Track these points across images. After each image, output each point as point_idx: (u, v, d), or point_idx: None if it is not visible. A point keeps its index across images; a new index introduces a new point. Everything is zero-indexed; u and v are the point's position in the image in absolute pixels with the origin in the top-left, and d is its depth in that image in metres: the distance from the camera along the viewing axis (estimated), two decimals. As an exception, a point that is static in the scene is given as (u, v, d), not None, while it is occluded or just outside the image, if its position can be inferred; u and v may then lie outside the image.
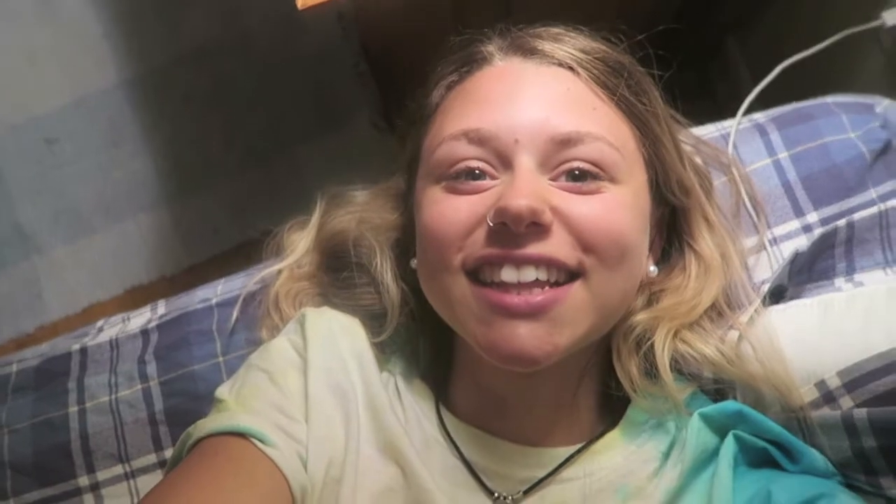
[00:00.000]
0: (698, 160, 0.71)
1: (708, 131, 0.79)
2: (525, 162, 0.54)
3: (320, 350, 0.62)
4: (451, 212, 0.55)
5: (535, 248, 0.52)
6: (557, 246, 0.53)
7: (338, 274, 0.69)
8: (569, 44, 0.59)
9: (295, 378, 0.61)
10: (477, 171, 0.55)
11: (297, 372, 0.62)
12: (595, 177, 0.54)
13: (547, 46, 0.59)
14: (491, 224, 0.52)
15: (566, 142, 0.54)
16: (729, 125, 0.79)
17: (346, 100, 1.43)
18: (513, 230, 0.51)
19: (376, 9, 0.93)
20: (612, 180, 0.55)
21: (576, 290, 0.53)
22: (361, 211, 0.72)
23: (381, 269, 0.66)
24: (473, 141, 0.55)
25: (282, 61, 1.47)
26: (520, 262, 0.53)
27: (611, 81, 0.58)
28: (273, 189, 1.44)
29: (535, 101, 0.56)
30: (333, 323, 0.65)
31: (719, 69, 1.44)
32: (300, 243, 0.74)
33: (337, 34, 1.33)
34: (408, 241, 0.65)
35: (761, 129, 0.77)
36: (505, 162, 0.55)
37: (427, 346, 0.67)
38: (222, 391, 0.61)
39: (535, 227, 0.52)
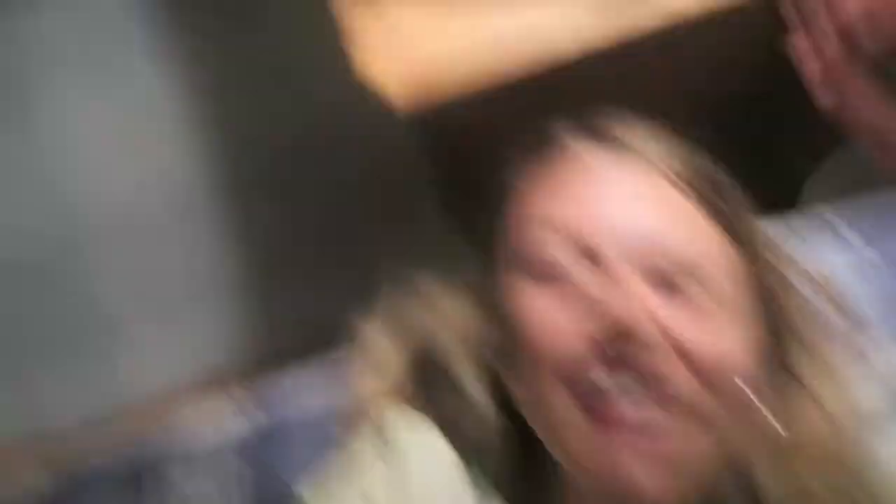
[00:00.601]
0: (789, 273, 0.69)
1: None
2: (629, 271, 0.53)
3: (418, 476, 0.59)
4: (547, 314, 0.54)
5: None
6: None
7: (425, 387, 0.66)
8: (664, 146, 0.59)
9: None
10: (564, 264, 0.55)
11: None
12: (701, 299, 0.53)
13: (643, 147, 0.59)
14: (610, 353, 0.51)
15: (677, 262, 0.54)
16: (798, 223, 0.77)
17: (415, 189, 1.46)
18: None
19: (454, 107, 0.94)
20: (720, 304, 0.54)
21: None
22: (441, 309, 0.69)
23: (474, 390, 0.62)
24: (560, 233, 0.55)
25: (347, 149, 1.50)
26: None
27: (712, 196, 0.58)
28: (347, 280, 1.44)
29: (632, 205, 0.56)
30: (429, 449, 0.62)
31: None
32: (382, 345, 0.70)
33: (406, 124, 1.36)
34: (494, 344, 0.62)
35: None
36: (593, 258, 0.54)
37: (521, 482, 0.62)
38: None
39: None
